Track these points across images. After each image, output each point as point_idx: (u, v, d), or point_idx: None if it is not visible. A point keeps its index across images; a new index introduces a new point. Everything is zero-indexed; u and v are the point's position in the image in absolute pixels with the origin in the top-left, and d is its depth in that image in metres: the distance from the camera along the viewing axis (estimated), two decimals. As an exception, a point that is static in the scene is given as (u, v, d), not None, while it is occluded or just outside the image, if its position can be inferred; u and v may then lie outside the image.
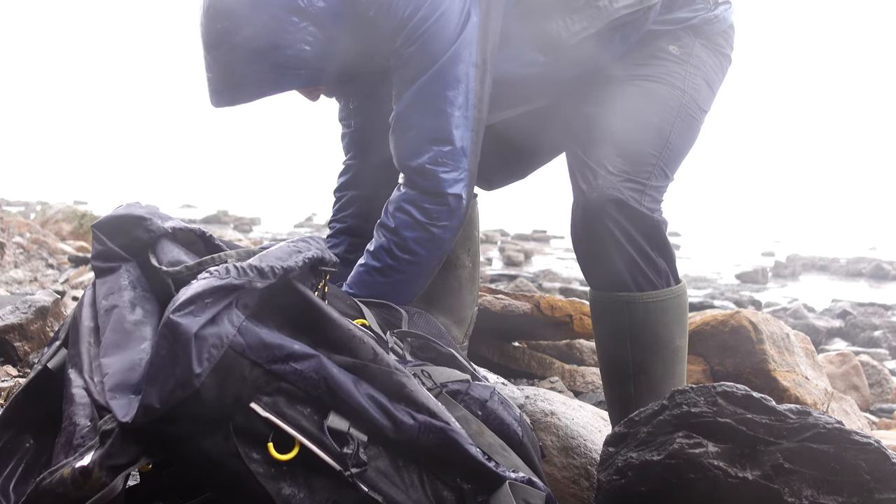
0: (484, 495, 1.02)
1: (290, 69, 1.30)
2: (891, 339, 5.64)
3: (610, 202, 1.41)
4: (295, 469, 0.95)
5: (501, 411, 1.17)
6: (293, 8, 1.26)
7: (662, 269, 1.45)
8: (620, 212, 1.41)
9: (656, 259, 1.44)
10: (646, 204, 1.43)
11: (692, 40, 1.58)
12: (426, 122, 1.41)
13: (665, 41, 1.58)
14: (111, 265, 1.10)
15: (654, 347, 1.47)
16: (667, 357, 1.47)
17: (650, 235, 1.44)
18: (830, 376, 3.14)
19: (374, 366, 1.01)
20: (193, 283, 0.93)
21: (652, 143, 1.48)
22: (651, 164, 1.46)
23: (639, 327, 1.45)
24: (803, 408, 1.13)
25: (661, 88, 1.54)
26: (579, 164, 1.49)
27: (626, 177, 1.44)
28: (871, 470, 1.05)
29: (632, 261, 1.42)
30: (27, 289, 3.71)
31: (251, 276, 0.95)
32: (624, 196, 1.41)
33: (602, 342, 1.53)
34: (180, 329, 0.88)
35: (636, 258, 1.42)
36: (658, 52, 1.57)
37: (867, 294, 9.27)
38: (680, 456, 1.12)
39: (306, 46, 1.29)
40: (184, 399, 0.88)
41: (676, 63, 1.56)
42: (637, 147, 1.47)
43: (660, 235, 1.45)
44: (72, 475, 0.89)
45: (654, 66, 1.56)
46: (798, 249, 13.40)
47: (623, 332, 1.46)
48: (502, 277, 7.95)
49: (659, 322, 1.46)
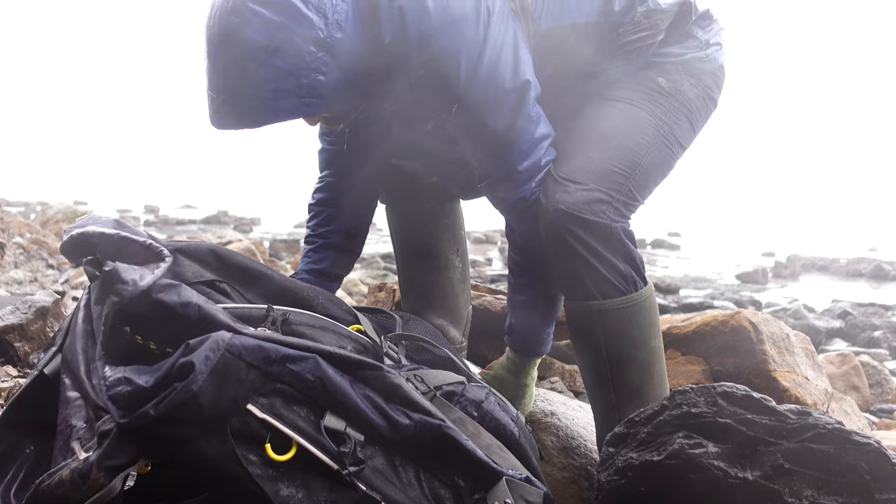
0: (481, 492, 1.02)
1: (302, 97, 1.27)
2: (891, 339, 5.64)
3: (567, 216, 1.41)
4: (293, 470, 0.95)
5: (498, 412, 1.17)
6: (312, 38, 1.25)
7: (628, 275, 1.46)
8: (579, 225, 1.41)
9: (621, 266, 1.45)
10: (609, 214, 1.43)
11: (682, 77, 1.59)
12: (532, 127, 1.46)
13: (654, 73, 1.59)
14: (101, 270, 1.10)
15: (630, 351, 1.48)
16: (644, 359, 1.48)
17: (611, 244, 1.44)
18: (830, 377, 3.14)
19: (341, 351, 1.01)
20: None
21: (623, 164, 1.48)
22: (619, 184, 1.47)
23: (612, 334, 1.46)
24: (803, 408, 1.13)
25: (642, 115, 1.55)
26: (546, 176, 1.50)
27: (592, 188, 1.44)
28: (871, 470, 1.05)
29: (596, 271, 1.43)
30: (27, 289, 3.71)
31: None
32: (582, 211, 1.42)
33: (579, 353, 1.54)
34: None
35: (599, 268, 1.43)
36: (646, 81, 1.58)
37: (867, 294, 9.27)
38: (680, 456, 1.12)
39: (321, 77, 1.27)
40: (182, 401, 0.88)
41: (662, 95, 1.57)
42: (607, 165, 1.47)
43: (621, 242, 1.45)
44: (71, 477, 0.89)
45: (639, 93, 1.57)
46: (798, 250, 13.41)
47: (597, 340, 1.47)
48: (502, 278, 7.95)
49: (631, 325, 1.46)
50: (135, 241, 1.08)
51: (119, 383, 0.92)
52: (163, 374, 0.92)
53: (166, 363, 0.93)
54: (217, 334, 0.93)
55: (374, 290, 2.52)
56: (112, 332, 0.97)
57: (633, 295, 1.45)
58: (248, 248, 5.84)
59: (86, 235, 1.06)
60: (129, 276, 0.95)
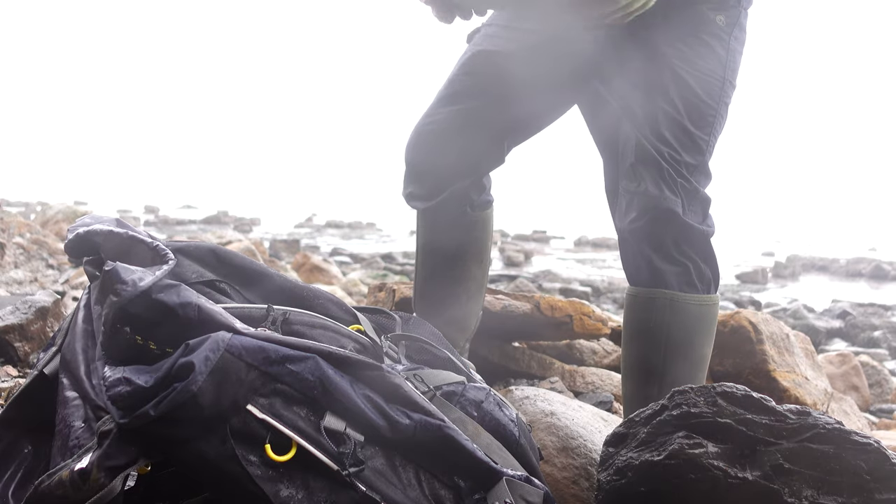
0: (481, 492, 1.02)
1: None
2: (890, 339, 5.65)
3: (667, 211, 1.44)
4: (293, 470, 0.95)
5: (497, 412, 1.17)
6: None
7: (706, 277, 1.49)
8: (672, 224, 1.44)
9: (703, 267, 1.49)
10: (692, 210, 1.46)
11: (737, 10, 1.50)
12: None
13: (708, 6, 1.48)
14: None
15: (686, 350, 1.49)
16: (694, 362, 1.50)
17: (699, 247, 1.48)
18: (830, 376, 3.14)
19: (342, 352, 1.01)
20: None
21: (703, 138, 1.48)
22: (699, 161, 1.48)
23: (678, 327, 1.48)
24: (803, 408, 1.13)
25: (708, 67, 1.47)
26: (642, 152, 1.46)
27: (679, 178, 1.45)
28: (871, 470, 1.05)
29: (682, 266, 1.47)
30: (27, 289, 3.71)
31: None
32: (677, 208, 1.44)
33: (634, 341, 1.54)
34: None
35: (686, 264, 1.47)
36: (704, 23, 1.48)
37: (867, 294, 9.27)
38: (680, 456, 1.12)
39: None
40: (181, 402, 0.88)
41: (719, 39, 1.48)
42: (693, 141, 1.47)
43: (706, 246, 1.49)
44: (70, 477, 0.89)
45: (699, 47, 1.47)
46: (798, 250, 13.41)
47: (660, 331, 1.48)
48: (502, 278, 7.96)
49: (697, 325, 1.49)
50: (142, 242, 1.08)
51: (119, 383, 0.92)
52: (163, 375, 0.92)
53: (166, 363, 0.93)
54: (217, 334, 0.93)
55: (374, 290, 2.52)
56: (112, 333, 0.97)
57: (707, 296, 1.50)
58: (248, 248, 5.84)
59: (92, 234, 1.06)
60: (128, 277, 0.95)
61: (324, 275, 6.50)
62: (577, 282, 9.06)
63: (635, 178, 1.48)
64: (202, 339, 0.93)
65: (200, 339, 0.93)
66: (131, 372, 0.93)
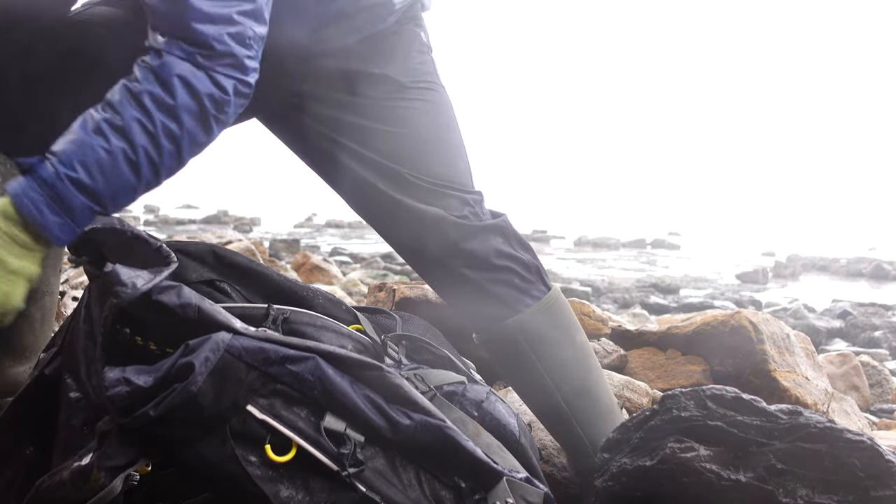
0: (482, 492, 1.02)
1: None
2: (891, 339, 5.65)
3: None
4: (293, 471, 0.95)
5: (498, 412, 1.17)
6: None
7: (533, 271, 1.41)
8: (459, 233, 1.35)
9: (522, 270, 1.40)
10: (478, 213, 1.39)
11: (422, 20, 1.40)
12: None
13: (412, 24, 1.36)
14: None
15: (559, 353, 1.42)
16: (576, 355, 1.44)
17: (513, 240, 1.40)
18: (830, 376, 3.14)
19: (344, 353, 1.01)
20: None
21: (462, 156, 1.41)
22: (468, 178, 1.40)
23: (536, 339, 1.40)
24: (794, 408, 1.14)
25: (441, 96, 1.38)
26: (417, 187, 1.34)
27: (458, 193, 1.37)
28: (865, 467, 1.05)
29: (506, 281, 1.37)
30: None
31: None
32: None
33: (519, 384, 1.47)
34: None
35: (512, 273, 1.38)
36: (417, 45, 1.37)
37: (867, 294, 9.28)
38: (672, 461, 1.12)
39: None
40: (181, 402, 0.88)
41: (430, 56, 1.39)
42: (460, 163, 1.40)
43: (513, 235, 1.40)
44: (71, 477, 0.89)
45: (426, 67, 1.37)
46: (798, 249, 13.41)
47: (526, 356, 1.40)
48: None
49: (552, 326, 1.42)
50: (145, 242, 1.08)
51: (118, 384, 0.92)
52: (162, 375, 0.92)
53: (166, 364, 0.93)
54: (217, 335, 0.94)
55: (374, 290, 2.52)
56: (112, 334, 0.97)
57: (544, 298, 1.41)
58: (248, 248, 5.83)
59: (93, 233, 1.06)
60: (128, 279, 0.95)
61: (324, 275, 6.50)
62: (578, 281, 9.06)
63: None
64: (202, 339, 0.93)
65: (200, 339, 0.93)
66: (131, 372, 0.93)
